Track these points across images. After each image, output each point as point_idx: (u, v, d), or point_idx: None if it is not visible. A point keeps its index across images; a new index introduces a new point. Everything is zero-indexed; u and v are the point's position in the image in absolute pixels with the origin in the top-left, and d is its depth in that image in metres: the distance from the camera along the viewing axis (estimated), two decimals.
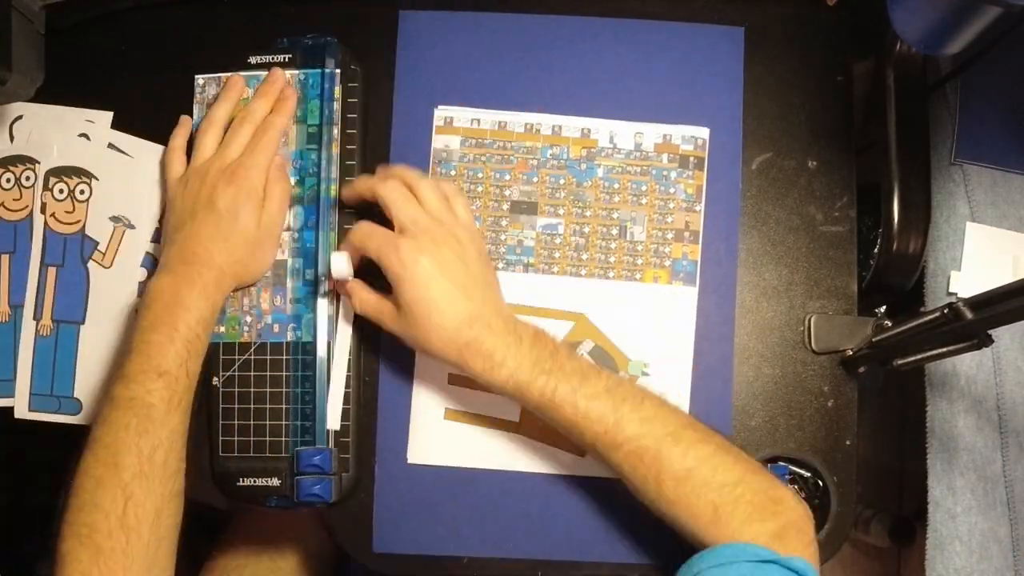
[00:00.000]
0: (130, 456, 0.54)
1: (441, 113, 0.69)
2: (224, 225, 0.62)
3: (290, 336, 0.66)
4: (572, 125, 0.69)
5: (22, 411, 0.70)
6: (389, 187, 0.61)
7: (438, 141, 0.69)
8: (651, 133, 0.68)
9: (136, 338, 0.58)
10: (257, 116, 0.66)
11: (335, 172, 0.67)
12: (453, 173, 0.69)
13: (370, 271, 0.61)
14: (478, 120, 0.69)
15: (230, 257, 0.62)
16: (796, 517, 0.56)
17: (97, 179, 0.71)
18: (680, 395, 0.66)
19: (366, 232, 0.60)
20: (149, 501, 0.54)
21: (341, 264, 0.60)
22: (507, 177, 0.68)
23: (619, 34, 0.70)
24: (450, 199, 0.63)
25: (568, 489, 0.67)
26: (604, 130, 0.69)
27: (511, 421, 0.67)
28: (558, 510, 0.66)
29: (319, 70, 0.68)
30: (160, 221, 0.70)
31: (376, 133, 0.69)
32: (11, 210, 0.71)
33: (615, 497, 0.66)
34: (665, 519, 0.58)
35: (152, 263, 0.70)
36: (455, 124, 0.69)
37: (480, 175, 0.69)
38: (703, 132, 0.68)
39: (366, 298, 0.62)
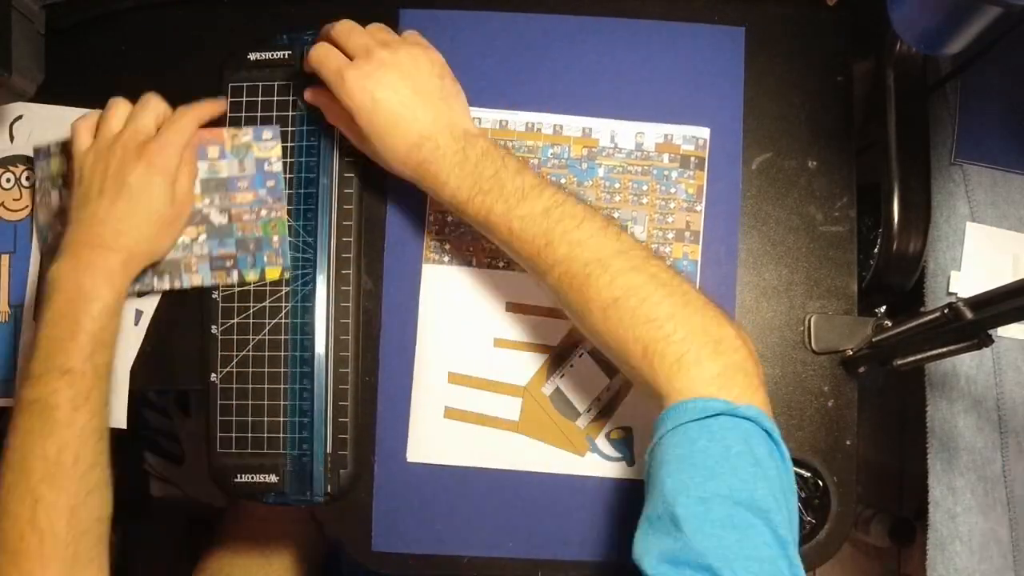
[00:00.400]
0: (36, 460, 0.54)
1: None
2: (134, 202, 0.59)
3: (288, 332, 0.66)
4: (573, 124, 0.69)
5: None
6: (319, 47, 0.61)
7: None
8: (652, 133, 0.68)
9: (39, 334, 0.57)
10: (164, 101, 0.64)
11: (334, 168, 0.67)
12: None
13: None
14: (479, 119, 0.69)
15: (139, 235, 0.60)
16: (740, 358, 0.51)
17: None
18: None
19: (321, 56, 0.61)
20: (61, 500, 0.54)
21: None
22: None
23: (620, 34, 0.70)
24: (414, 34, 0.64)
25: (568, 488, 0.67)
26: (605, 130, 0.69)
27: (511, 420, 0.67)
28: (558, 509, 0.66)
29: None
30: None
31: None
32: (11, 210, 0.71)
33: (615, 496, 0.66)
34: (605, 354, 0.57)
35: None
36: None
37: None
38: (704, 132, 0.68)
39: (318, 96, 0.64)
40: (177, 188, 0.62)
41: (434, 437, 0.67)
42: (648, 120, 0.69)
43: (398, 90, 0.58)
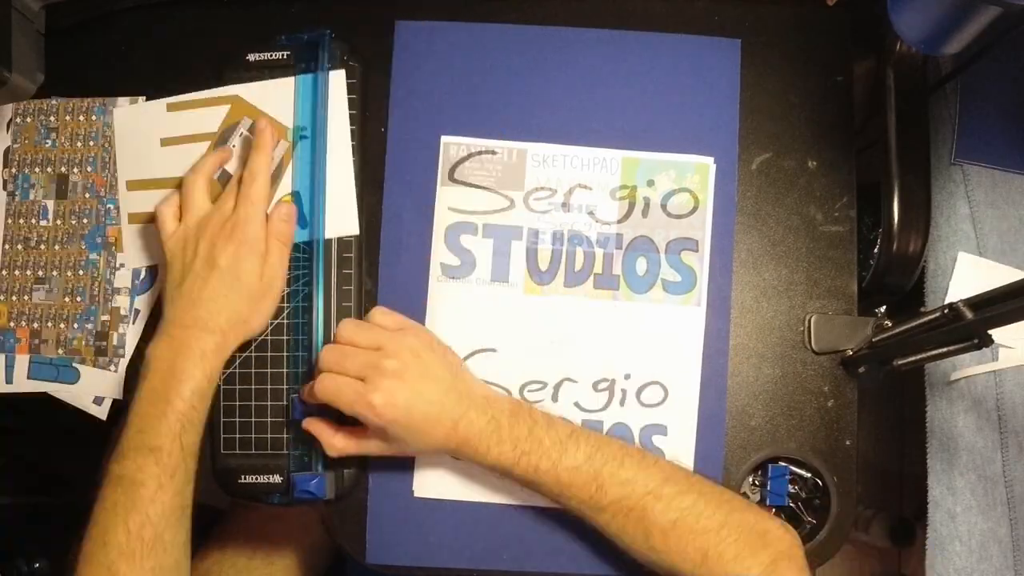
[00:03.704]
0: (117, 535, 0.56)
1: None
2: (226, 282, 0.61)
3: (289, 334, 0.66)
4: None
5: None
6: (324, 380, 0.60)
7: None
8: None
9: (132, 410, 0.59)
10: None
11: (328, 174, 0.67)
12: None
13: None
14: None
15: (233, 315, 0.61)
16: (785, 547, 0.58)
17: None
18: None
19: (333, 389, 0.60)
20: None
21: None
22: None
23: (616, 45, 0.69)
24: (387, 314, 0.64)
25: None
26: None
27: None
28: (554, 522, 0.66)
29: (314, 74, 0.67)
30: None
31: (376, 127, 0.69)
32: None
33: None
34: (657, 569, 0.60)
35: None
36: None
37: None
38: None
39: (345, 444, 0.62)
40: (267, 263, 0.63)
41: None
42: (642, 136, 0.69)
43: (420, 391, 0.59)
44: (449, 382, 0.61)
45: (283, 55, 0.68)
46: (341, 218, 0.67)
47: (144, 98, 0.71)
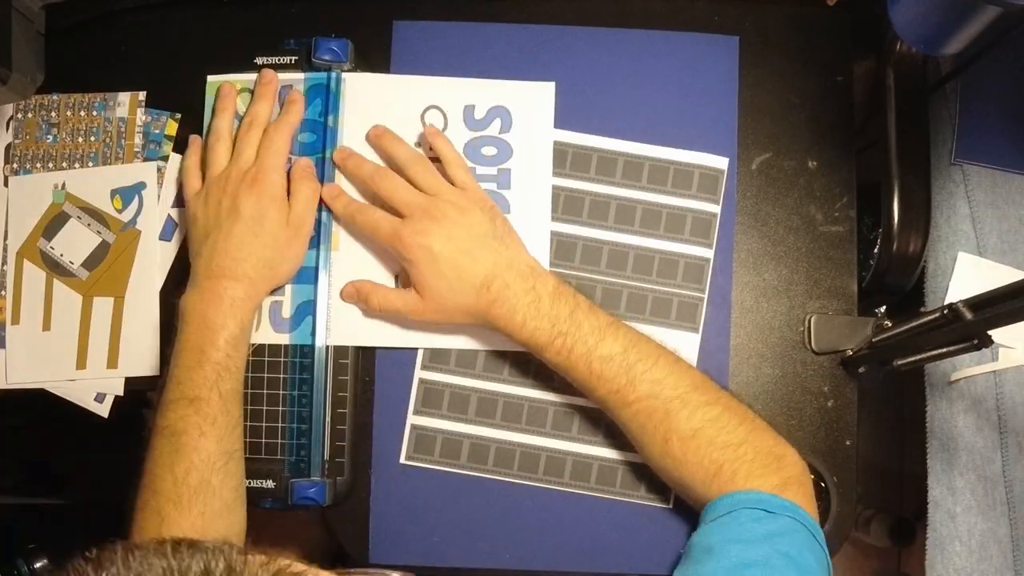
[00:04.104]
0: (164, 482, 0.57)
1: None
2: (251, 230, 0.62)
3: (288, 339, 0.66)
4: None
5: None
6: (380, 176, 0.64)
7: None
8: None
9: (172, 363, 0.60)
10: (261, 118, 0.66)
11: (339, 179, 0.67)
12: None
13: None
14: None
15: (259, 262, 0.62)
16: (797, 472, 0.58)
17: None
18: None
19: (371, 222, 0.63)
20: (185, 520, 0.56)
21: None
22: None
23: (614, 43, 0.69)
24: (448, 165, 0.64)
25: (565, 499, 0.66)
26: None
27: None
28: (555, 521, 0.66)
29: (324, 74, 0.68)
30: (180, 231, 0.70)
31: None
32: None
33: (612, 507, 0.66)
34: (667, 477, 0.61)
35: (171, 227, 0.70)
36: None
37: None
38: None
39: (384, 295, 0.64)
40: (292, 209, 0.64)
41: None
42: (641, 135, 0.68)
43: (454, 237, 0.60)
44: (489, 241, 0.61)
45: (291, 59, 0.68)
46: None
47: (144, 96, 0.71)
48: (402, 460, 0.67)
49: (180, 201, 0.69)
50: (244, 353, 0.62)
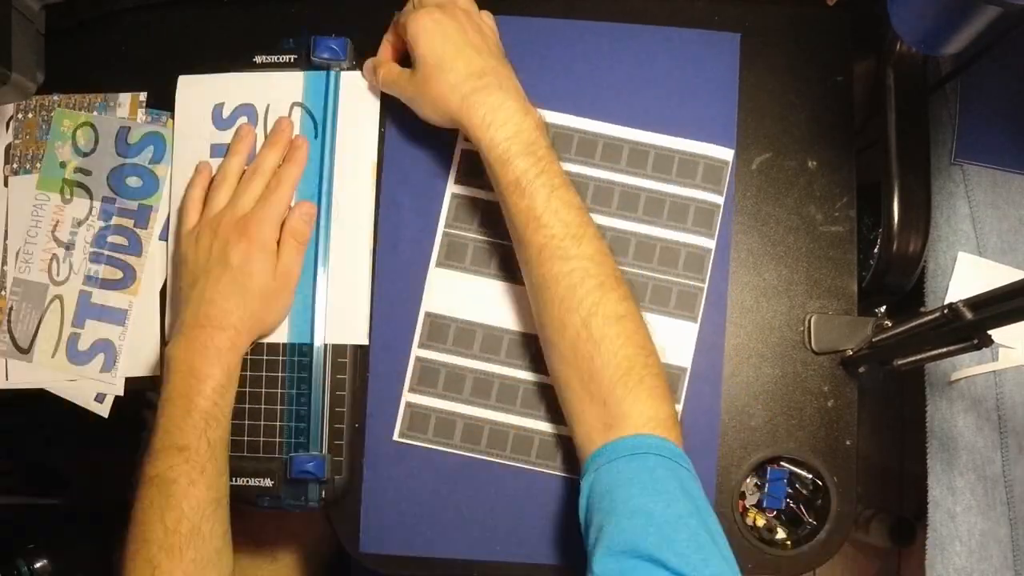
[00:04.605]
0: (155, 531, 0.57)
1: None
2: (238, 281, 0.62)
3: (286, 338, 0.66)
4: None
5: None
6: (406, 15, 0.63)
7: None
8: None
9: (159, 412, 0.60)
10: (267, 167, 0.66)
11: (337, 176, 0.67)
12: None
13: None
14: None
15: (245, 313, 0.62)
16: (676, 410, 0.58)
17: None
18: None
19: (388, 41, 0.65)
20: (177, 569, 0.56)
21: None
22: None
23: (617, 38, 0.69)
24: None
25: (555, 490, 0.66)
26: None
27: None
28: (547, 512, 0.66)
29: (324, 72, 0.68)
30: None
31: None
32: None
33: None
34: (564, 364, 0.58)
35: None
36: None
37: None
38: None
39: (389, 67, 0.65)
40: (280, 260, 0.64)
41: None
42: (644, 124, 0.68)
43: (465, 30, 0.61)
44: (495, 51, 0.62)
45: (291, 58, 0.68)
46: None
47: (144, 96, 0.71)
48: (395, 437, 0.67)
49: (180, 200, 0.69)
50: (230, 400, 0.62)
